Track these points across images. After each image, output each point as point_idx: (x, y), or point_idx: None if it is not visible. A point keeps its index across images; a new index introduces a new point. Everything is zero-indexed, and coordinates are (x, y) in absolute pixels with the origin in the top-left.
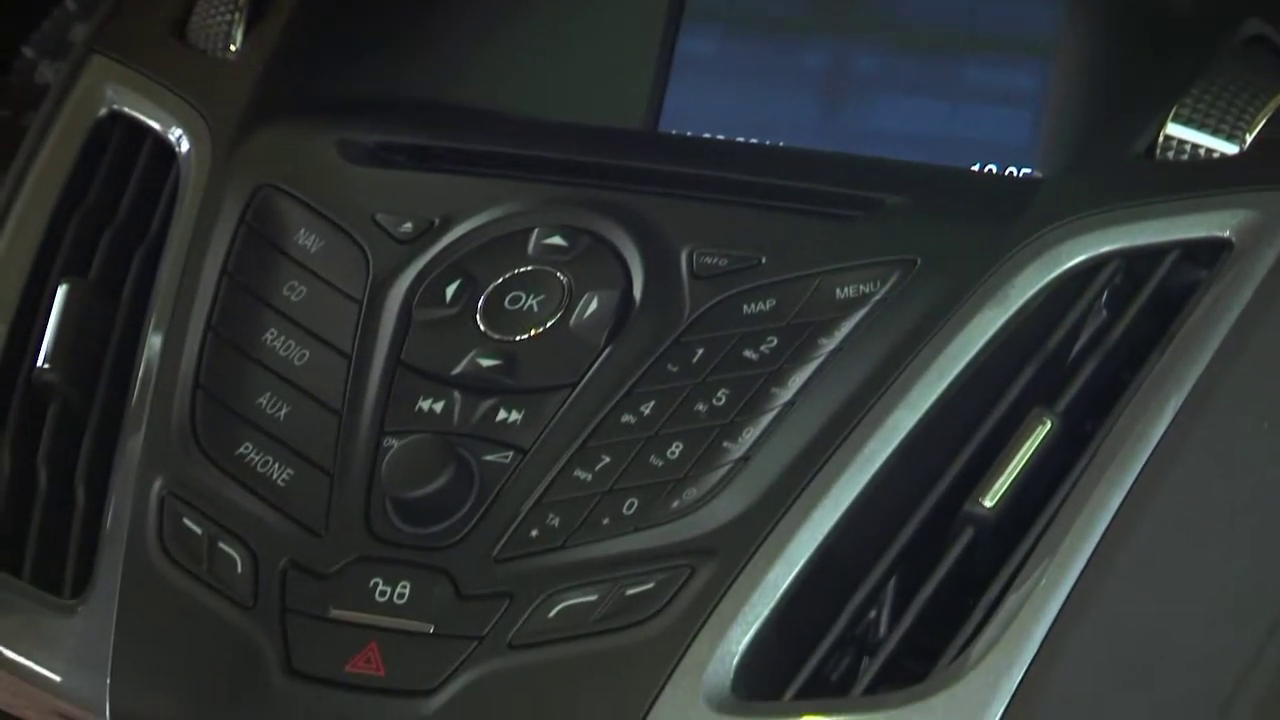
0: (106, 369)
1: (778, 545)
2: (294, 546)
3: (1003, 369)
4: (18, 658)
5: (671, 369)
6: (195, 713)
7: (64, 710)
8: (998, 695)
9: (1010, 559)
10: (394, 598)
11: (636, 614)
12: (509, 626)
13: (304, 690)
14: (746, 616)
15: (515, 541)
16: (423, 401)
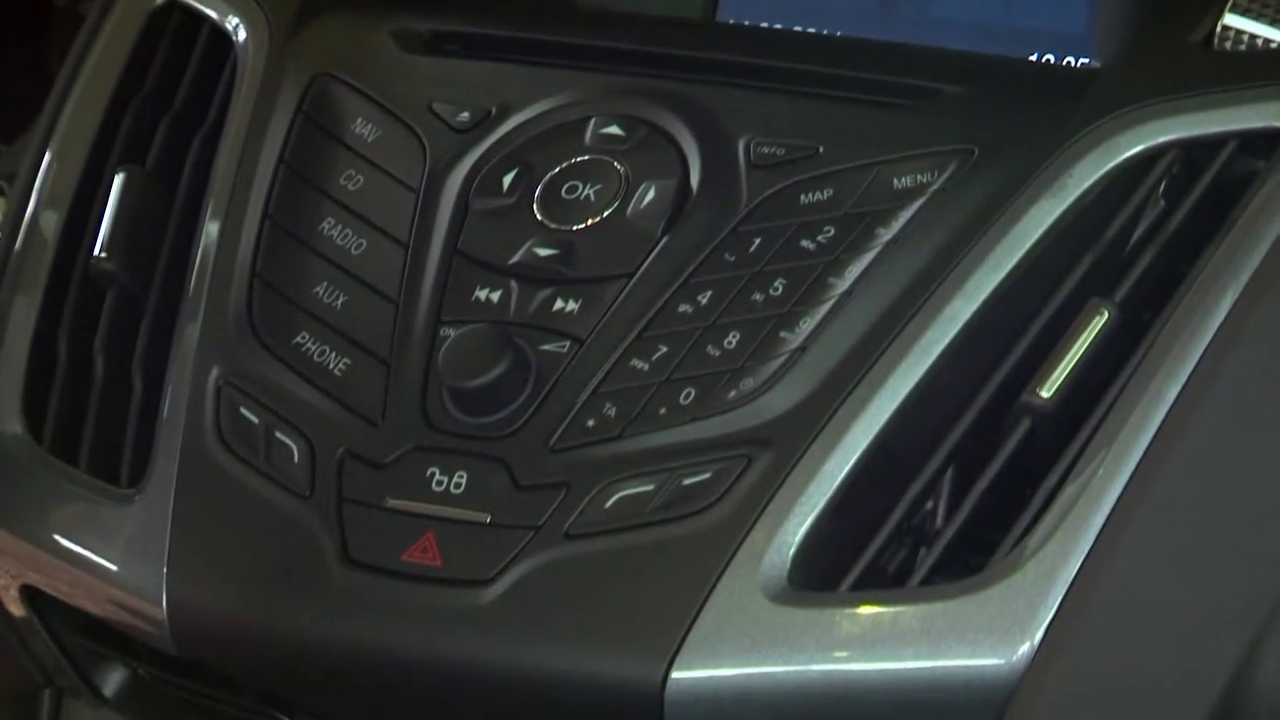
0: (163, 258)
1: (834, 435)
2: (350, 436)
3: (1060, 259)
4: (74, 547)
5: (728, 259)
6: (251, 602)
7: (120, 600)
8: (1054, 586)
9: (1067, 450)
10: (450, 487)
11: (693, 504)
12: (565, 516)
13: (360, 579)
14: (803, 507)
15: (572, 431)
16: (479, 291)
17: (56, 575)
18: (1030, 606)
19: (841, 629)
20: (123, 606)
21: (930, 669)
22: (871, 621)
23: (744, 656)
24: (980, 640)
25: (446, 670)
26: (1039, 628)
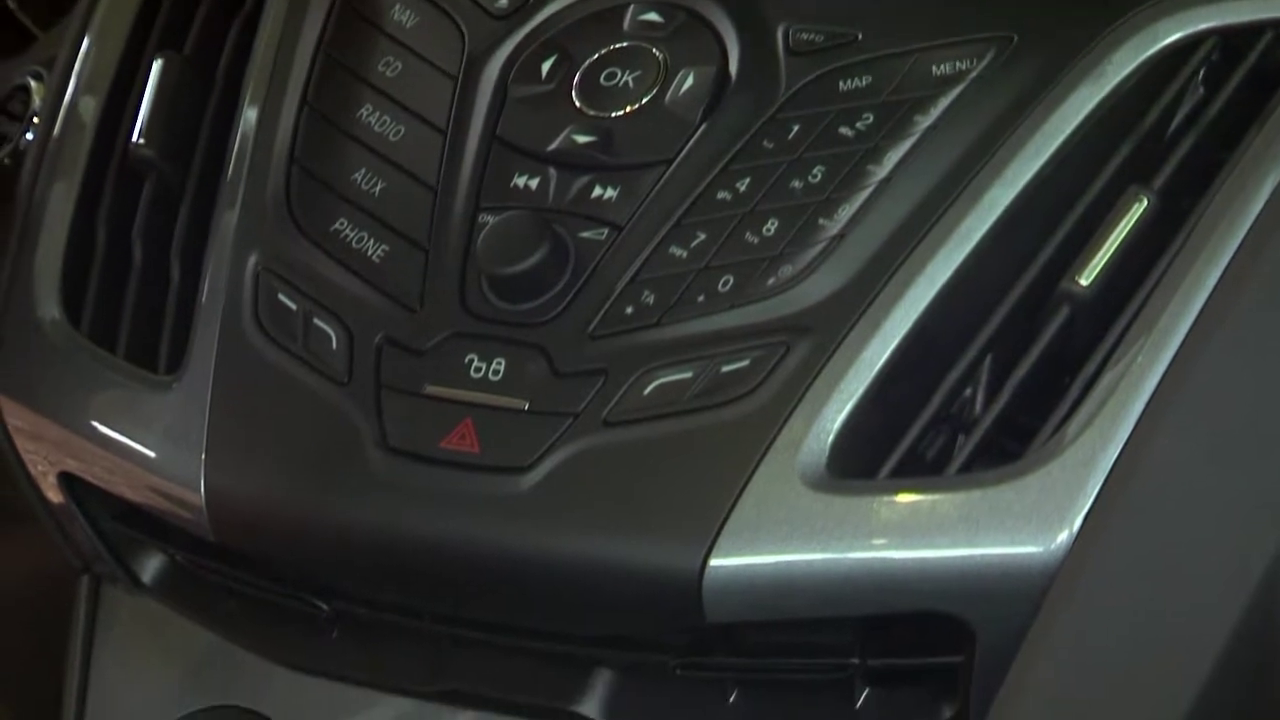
0: (201, 144)
1: (873, 322)
2: (389, 322)
3: (1099, 147)
4: (112, 434)
5: (767, 145)
6: (289, 488)
7: (158, 486)
8: (1093, 473)
9: (1106, 337)
10: (489, 374)
11: (731, 391)
12: (604, 403)
13: (398, 466)
14: (842, 394)
15: (610, 318)
16: (518, 178)
17: (94, 462)
18: (1069, 494)
19: (879, 516)
20: (161, 493)
21: (968, 556)
22: (909, 509)
23: (782, 544)
24: (1018, 527)
25: (484, 556)
26: (1078, 515)
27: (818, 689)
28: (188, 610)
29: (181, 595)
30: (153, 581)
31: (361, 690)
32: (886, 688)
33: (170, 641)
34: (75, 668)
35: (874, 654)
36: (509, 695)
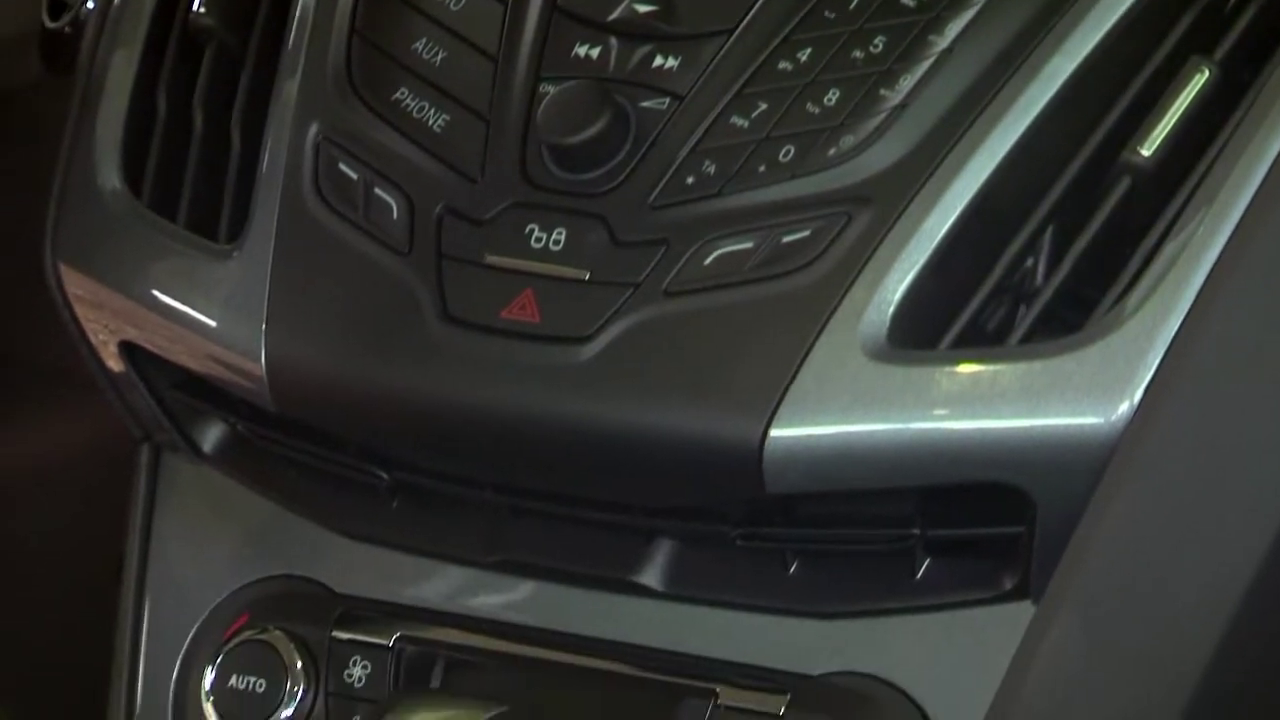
0: (262, 12)
1: (934, 192)
2: (450, 192)
3: (1160, 18)
4: (173, 303)
5: (828, 15)
6: (350, 358)
7: (219, 356)
8: (1154, 344)
9: (1167, 209)
10: (549, 244)
11: (792, 262)
12: (664, 273)
13: (459, 336)
14: (903, 264)
15: (671, 188)
16: (579, 47)
17: (155, 331)
18: (1129, 365)
19: (940, 387)
20: (221, 362)
21: (1029, 427)
22: (970, 379)
23: (843, 414)
24: (1079, 399)
25: (543, 426)
26: (1138, 386)
27: (878, 560)
28: (248, 479)
29: (241, 464)
30: (213, 451)
31: (420, 560)
32: (947, 558)
33: (230, 511)
34: (136, 536)
35: (935, 525)
36: (567, 565)
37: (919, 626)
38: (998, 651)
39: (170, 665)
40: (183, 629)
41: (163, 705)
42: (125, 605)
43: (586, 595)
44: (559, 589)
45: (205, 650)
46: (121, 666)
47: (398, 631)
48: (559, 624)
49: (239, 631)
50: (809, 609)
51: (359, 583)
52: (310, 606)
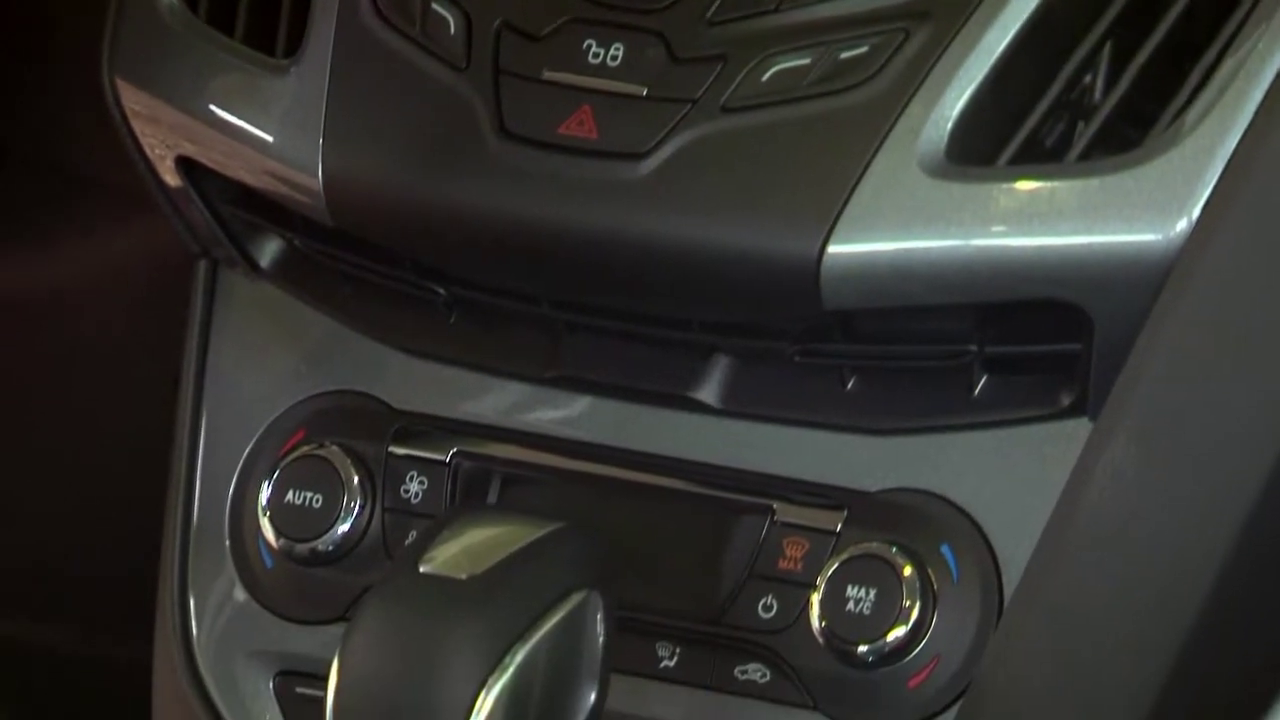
0: None
1: (993, 7)
2: (507, 7)
3: None
4: (230, 118)
5: None
6: (407, 172)
7: (276, 170)
8: (1212, 161)
9: (1227, 24)
10: (607, 59)
11: (850, 78)
12: (722, 89)
13: (516, 151)
14: (961, 80)
15: (729, 4)
16: None
17: (211, 146)
18: (1187, 182)
19: (998, 203)
20: (278, 178)
21: (1086, 244)
22: (1028, 196)
23: (900, 230)
24: (1137, 216)
25: (601, 242)
26: (1196, 204)
27: (936, 376)
28: (305, 295)
29: (299, 280)
30: (270, 266)
31: (477, 375)
32: (1005, 375)
33: (287, 326)
34: (193, 353)
35: (992, 341)
36: (625, 381)
37: (976, 443)
38: (1054, 468)
39: (227, 481)
40: (239, 445)
41: (219, 521)
42: (182, 421)
43: (644, 411)
44: (616, 405)
45: (261, 466)
46: (178, 482)
47: (455, 447)
48: (616, 440)
49: (295, 447)
50: (866, 425)
51: (416, 398)
52: (367, 422)
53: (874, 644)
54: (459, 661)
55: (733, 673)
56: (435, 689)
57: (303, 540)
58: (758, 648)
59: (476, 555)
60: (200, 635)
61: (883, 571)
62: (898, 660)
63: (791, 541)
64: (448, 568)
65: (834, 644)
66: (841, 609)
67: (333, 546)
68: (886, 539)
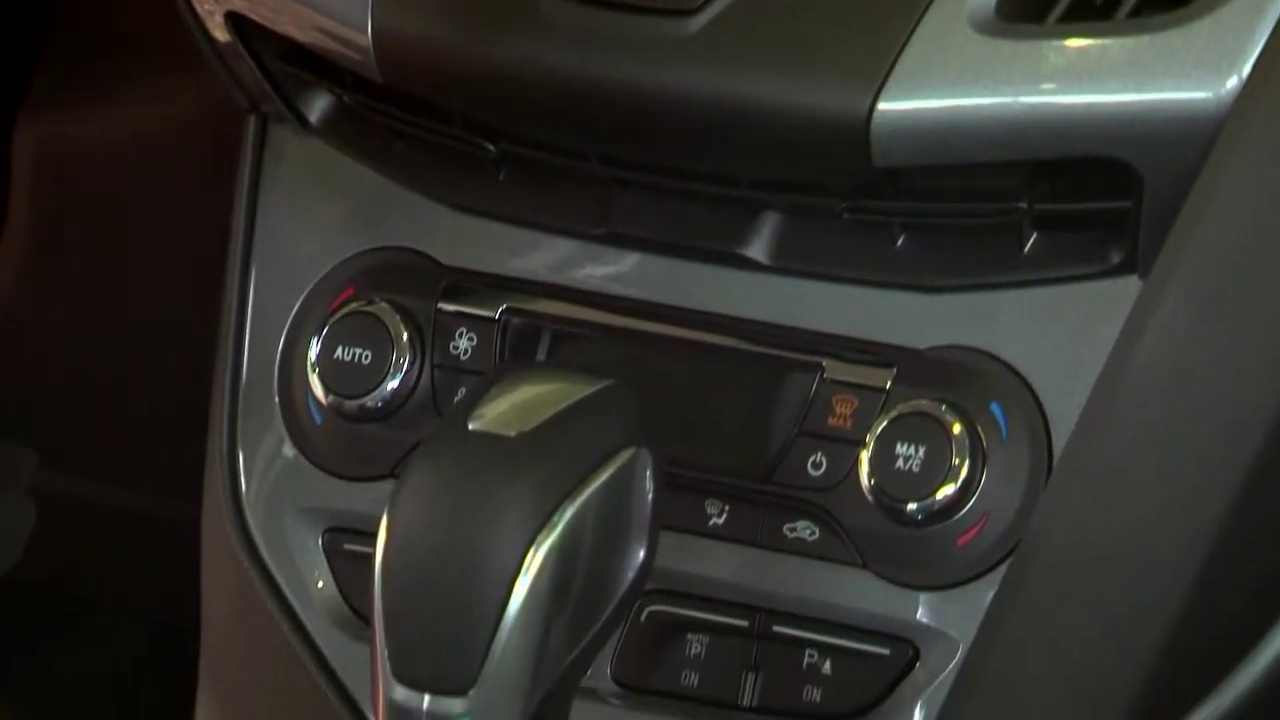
0: None
1: None
2: None
3: None
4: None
5: None
6: (456, 28)
7: (325, 26)
8: (1263, 20)
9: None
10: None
11: None
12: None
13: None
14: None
15: None
16: None
17: (261, 1)
18: (1238, 39)
19: (1048, 61)
20: (327, 33)
21: (1136, 102)
22: (1078, 54)
23: (950, 88)
24: (1187, 73)
25: (651, 98)
26: (1246, 61)
27: (986, 234)
28: (354, 151)
29: (348, 136)
30: (319, 122)
31: (526, 232)
32: (1054, 233)
33: (336, 183)
34: (242, 209)
35: (1042, 199)
36: (675, 238)
37: (1026, 301)
38: (1104, 327)
39: (275, 338)
40: (288, 301)
41: (269, 377)
42: (231, 277)
43: (693, 268)
44: (666, 262)
45: (311, 322)
46: (227, 338)
47: (504, 304)
48: (665, 297)
49: (344, 304)
50: (916, 283)
51: (465, 255)
52: (416, 278)
53: (923, 501)
54: (508, 519)
55: (781, 530)
56: (484, 546)
57: (352, 397)
58: (807, 505)
59: (525, 412)
60: (249, 492)
61: (932, 429)
62: (947, 518)
63: (840, 399)
64: (497, 425)
65: (883, 501)
66: (890, 466)
67: (382, 403)
68: (936, 396)
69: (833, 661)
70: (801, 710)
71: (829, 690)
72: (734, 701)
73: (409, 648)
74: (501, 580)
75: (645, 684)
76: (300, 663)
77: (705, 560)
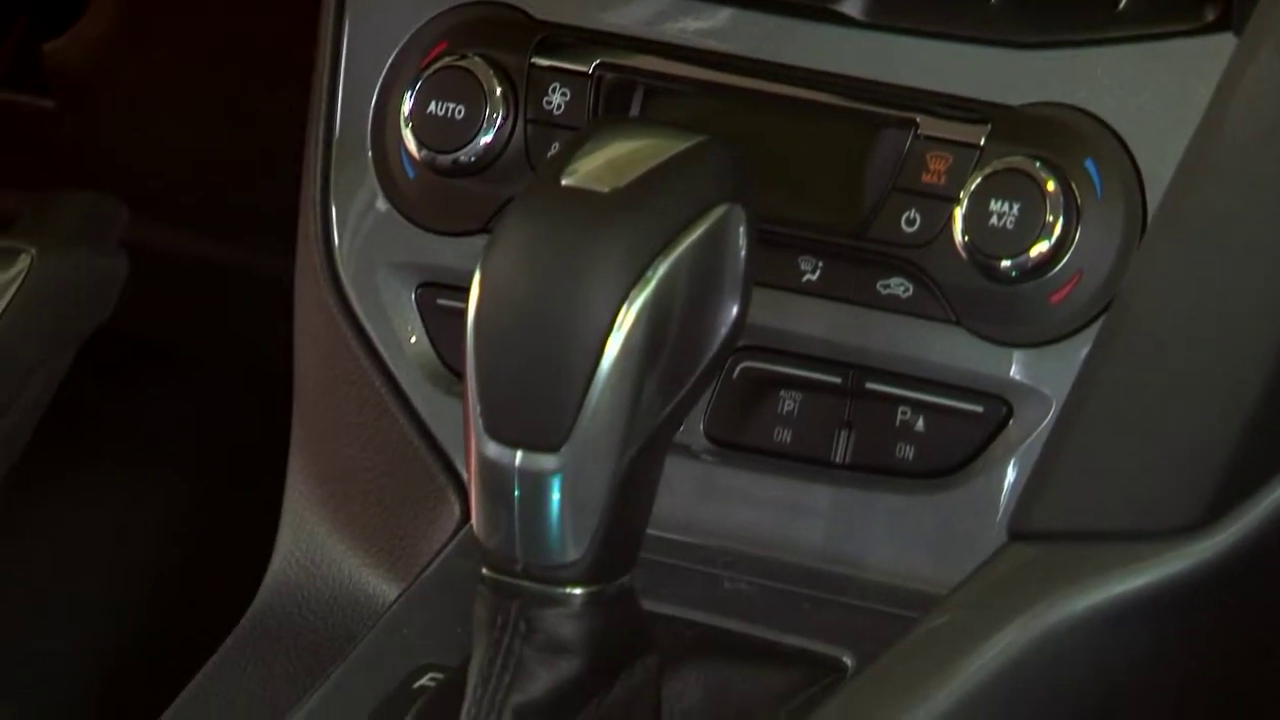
0: None
1: None
2: None
3: None
4: None
5: None
6: None
7: None
8: None
9: None
10: None
11: None
12: None
13: None
14: None
15: None
16: None
17: None
18: None
19: None
20: None
21: None
22: None
23: None
24: None
25: None
26: None
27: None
28: None
29: None
30: None
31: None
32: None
33: None
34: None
35: None
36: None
37: (1121, 58)
38: (1199, 84)
39: (369, 93)
40: (381, 56)
41: (362, 132)
42: (324, 33)
43: (789, 24)
44: (761, 17)
45: (404, 77)
46: (320, 94)
47: (598, 59)
48: (760, 53)
49: (438, 58)
50: (1012, 39)
51: (559, 9)
52: (509, 33)
53: (1016, 258)
54: (601, 274)
55: (875, 287)
56: (576, 303)
57: (445, 151)
58: (900, 261)
59: (619, 168)
60: (342, 246)
61: (1026, 186)
62: (1040, 275)
63: (935, 155)
64: (590, 180)
65: (977, 258)
66: (984, 223)
67: (474, 158)
68: (1030, 153)
69: (926, 419)
70: (894, 467)
71: (922, 447)
72: (826, 458)
73: (501, 405)
74: (594, 337)
75: (738, 440)
76: (393, 416)
77: (798, 317)
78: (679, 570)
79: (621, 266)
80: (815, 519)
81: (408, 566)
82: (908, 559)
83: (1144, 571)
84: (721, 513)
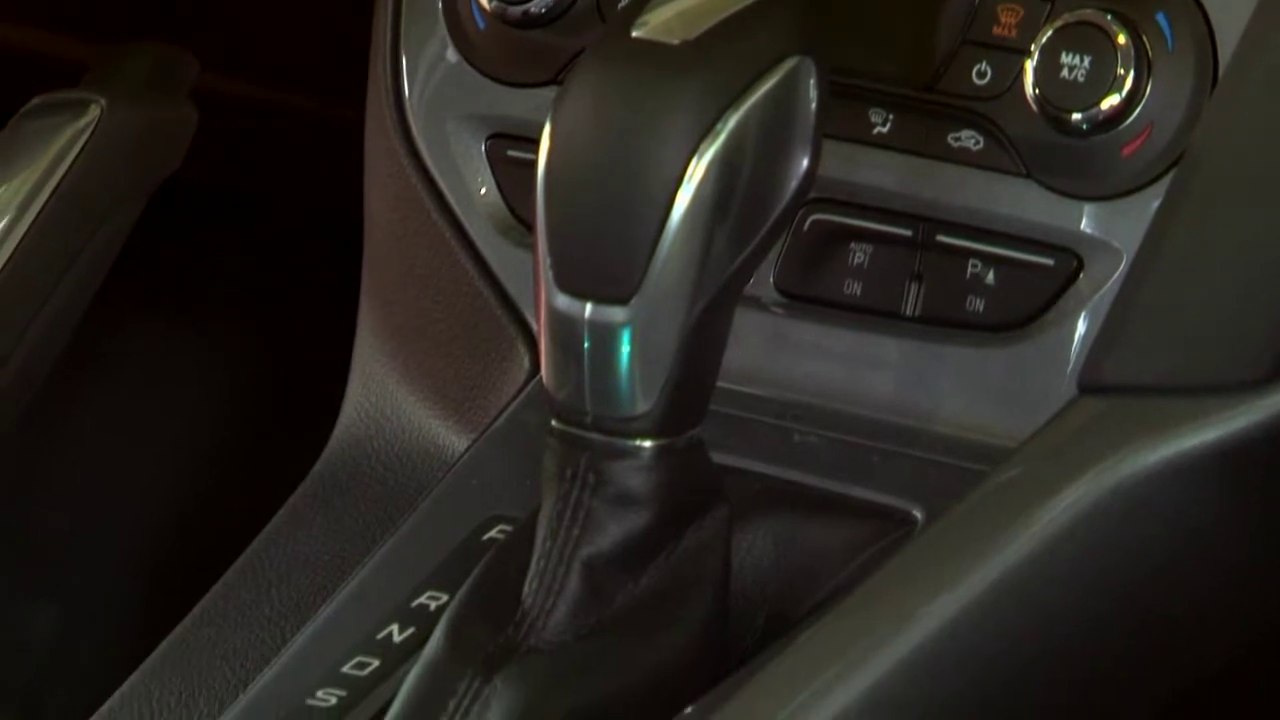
0: None
1: None
2: None
3: None
4: None
5: None
6: None
7: None
8: None
9: None
10: None
11: None
12: None
13: None
14: None
15: None
16: None
17: None
18: None
19: None
20: None
21: None
22: None
23: None
24: None
25: None
26: None
27: None
28: None
29: None
30: None
31: None
32: None
33: None
34: None
35: None
36: None
37: None
38: None
39: None
40: None
41: None
42: None
43: None
44: None
45: None
46: None
47: None
48: None
49: None
50: None
51: None
52: None
53: (1087, 111)
54: (671, 126)
55: (945, 139)
56: (647, 153)
57: (515, 2)
58: (971, 114)
59: (690, 20)
60: (412, 96)
61: (1097, 38)
62: (1111, 128)
63: (1006, 7)
64: (661, 33)
65: (1048, 111)
66: (1055, 76)
67: (545, 8)
68: (1101, 6)
69: (996, 271)
70: (964, 320)
71: (992, 300)
72: (897, 310)
73: (571, 256)
74: (664, 188)
75: (808, 292)
76: (462, 267)
77: (869, 169)
78: (748, 423)
79: (692, 119)
80: (885, 371)
81: (477, 418)
82: (977, 412)
83: (1212, 426)
84: (791, 365)
